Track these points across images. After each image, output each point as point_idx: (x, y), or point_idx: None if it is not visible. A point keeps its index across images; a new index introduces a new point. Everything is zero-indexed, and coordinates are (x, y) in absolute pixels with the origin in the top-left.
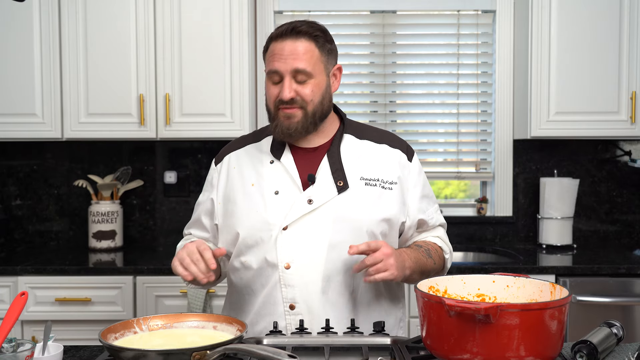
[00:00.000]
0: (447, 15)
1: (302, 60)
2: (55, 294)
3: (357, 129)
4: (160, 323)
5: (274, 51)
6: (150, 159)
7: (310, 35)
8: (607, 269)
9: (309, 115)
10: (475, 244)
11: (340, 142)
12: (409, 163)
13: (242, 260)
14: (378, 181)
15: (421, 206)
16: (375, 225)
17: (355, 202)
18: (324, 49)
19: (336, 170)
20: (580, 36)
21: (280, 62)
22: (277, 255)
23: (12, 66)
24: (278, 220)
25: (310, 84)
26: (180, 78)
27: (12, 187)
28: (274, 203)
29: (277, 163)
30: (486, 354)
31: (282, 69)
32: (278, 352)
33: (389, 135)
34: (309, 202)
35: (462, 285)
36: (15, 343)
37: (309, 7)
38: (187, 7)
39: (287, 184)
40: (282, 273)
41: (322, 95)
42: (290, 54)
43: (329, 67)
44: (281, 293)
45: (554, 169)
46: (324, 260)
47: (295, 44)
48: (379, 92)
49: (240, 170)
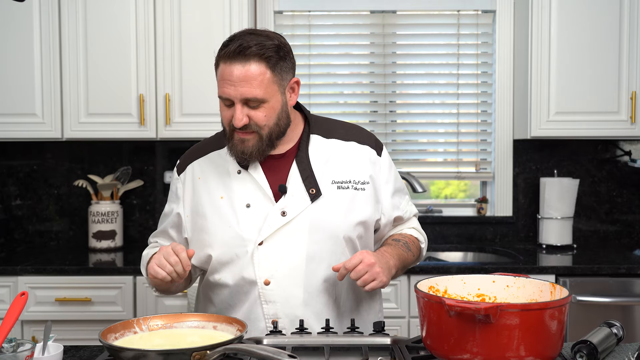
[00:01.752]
0: (447, 15)
1: (252, 86)
2: (55, 294)
3: (322, 127)
4: (160, 323)
5: (223, 75)
6: (150, 159)
7: (260, 57)
8: (607, 269)
9: (264, 138)
10: (475, 244)
11: (307, 145)
12: (379, 158)
13: (217, 278)
14: (350, 183)
15: (394, 202)
16: (351, 230)
17: (329, 208)
18: (277, 68)
19: (307, 177)
20: (580, 36)
21: (230, 88)
22: (255, 271)
23: (12, 66)
24: (252, 235)
25: (263, 108)
26: (180, 78)
27: (12, 187)
28: (246, 217)
29: (245, 173)
30: (486, 354)
31: (232, 96)
32: (278, 352)
33: (356, 130)
34: (283, 215)
35: (462, 285)
36: (15, 343)
37: (309, 7)
38: (187, 7)
39: (257, 196)
40: (261, 290)
41: (278, 116)
42: (239, 80)
43: (284, 85)
44: (262, 310)
45: (554, 169)
46: (303, 272)
47: (244, 68)
48: (379, 92)
49: (205, 181)
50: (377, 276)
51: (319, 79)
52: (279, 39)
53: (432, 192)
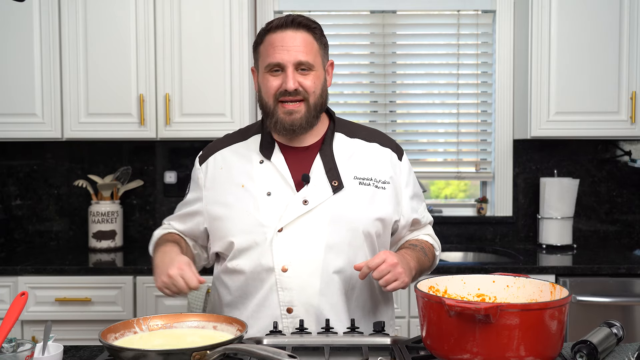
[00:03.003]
0: (447, 15)
1: (304, 52)
2: (55, 294)
3: (347, 128)
4: (160, 323)
5: (274, 42)
6: (150, 159)
7: (309, 28)
8: (607, 269)
9: (312, 108)
10: (475, 244)
11: (332, 140)
12: (400, 162)
13: (234, 264)
14: (371, 180)
15: (413, 205)
16: (371, 224)
17: (350, 202)
18: (321, 42)
19: (330, 169)
20: (580, 36)
21: (282, 53)
22: (274, 258)
23: (12, 66)
24: (272, 222)
25: (311, 75)
26: (180, 78)
27: (12, 187)
28: (267, 204)
29: (268, 163)
30: (486, 354)
31: (285, 60)
32: (278, 352)
33: (378, 133)
34: (304, 203)
35: (462, 285)
36: (15, 343)
37: (309, 7)
38: (187, 7)
39: (279, 185)
40: (278, 276)
41: (322, 87)
42: (292, 45)
43: (324, 61)
44: (278, 297)
45: (554, 169)
46: (321, 261)
47: (295, 34)
48: (379, 92)
49: (228, 171)
50: (400, 276)
51: None
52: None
53: (432, 192)
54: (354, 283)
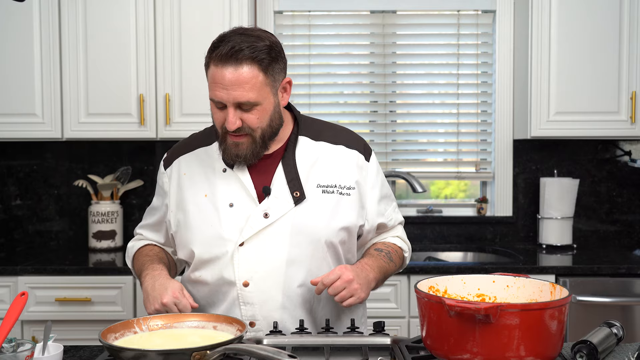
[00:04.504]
0: (447, 15)
1: (244, 90)
2: (55, 294)
3: (311, 129)
4: (160, 323)
5: (215, 78)
6: (150, 159)
7: (253, 60)
8: (607, 269)
9: (257, 140)
10: (475, 244)
11: (295, 146)
12: (367, 163)
13: (197, 275)
14: (335, 187)
15: (380, 209)
16: (334, 235)
17: (312, 212)
18: (269, 70)
19: (292, 179)
20: (580, 36)
21: (222, 92)
22: (235, 272)
23: (12, 66)
24: (233, 236)
25: (256, 110)
26: (180, 78)
27: (12, 187)
28: (229, 217)
29: (230, 172)
30: (486, 354)
31: (225, 100)
32: (278, 352)
33: (345, 134)
34: (265, 216)
35: (462, 285)
36: (15, 343)
37: (309, 7)
38: (187, 7)
39: (241, 196)
40: (240, 291)
41: (270, 117)
42: (231, 84)
43: (276, 86)
44: (240, 311)
45: (554, 169)
46: (282, 276)
47: (236, 71)
48: (379, 92)
49: (190, 178)
50: (355, 292)
51: (319, 79)
52: (270, 38)
53: (432, 192)
54: (317, 297)
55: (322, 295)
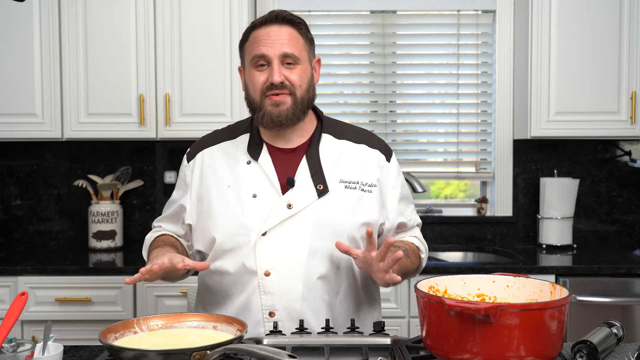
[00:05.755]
0: (447, 15)
1: (289, 45)
2: (55, 294)
3: (335, 128)
4: (160, 323)
5: (259, 37)
6: (150, 159)
7: (293, 23)
8: (607, 269)
9: (298, 101)
10: (475, 244)
11: (318, 142)
12: (388, 164)
13: (217, 265)
14: (357, 184)
15: (400, 208)
16: (355, 229)
17: (335, 206)
18: (306, 37)
19: (315, 173)
20: (580, 36)
21: (268, 47)
22: (257, 261)
23: (12, 66)
24: (256, 226)
25: (297, 69)
26: (180, 78)
27: (12, 187)
28: (252, 207)
29: (255, 164)
30: (486, 354)
31: (270, 53)
32: (278, 352)
33: (367, 134)
34: (289, 207)
35: (462, 285)
36: (15, 343)
37: (309, 7)
38: (187, 7)
39: (265, 187)
40: (261, 280)
41: (308, 82)
42: (277, 39)
43: (311, 57)
44: (260, 300)
45: (554, 169)
46: (304, 266)
47: (280, 29)
48: (379, 92)
49: (214, 170)
50: None
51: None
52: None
53: (432, 192)
54: (338, 288)
55: (341, 289)
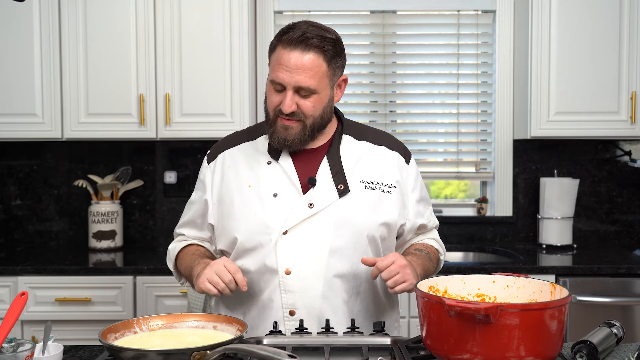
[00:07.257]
0: (447, 15)
1: (307, 76)
2: (55, 294)
3: (355, 130)
4: (160, 323)
5: (280, 60)
6: (150, 159)
7: (320, 49)
8: (607, 269)
9: (307, 128)
10: (475, 244)
11: (339, 143)
12: (407, 166)
13: (239, 264)
14: (378, 184)
15: (419, 210)
16: (375, 229)
17: (355, 206)
18: (332, 63)
19: (336, 173)
20: (580, 36)
21: (285, 74)
22: (277, 260)
23: (12, 66)
24: (278, 224)
25: (312, 98)
26: (180, 78)
27: (12, 187)
28: (273, 206)
29: (275, 164)
30: (486, 354)
31: (286, 82)
32: (278, 352)
33: (386, 136)
34: (310, 206)
35: (462, 285)
36: (15, 343)
37: (309, 7)
38: (187, 7)
39: (286, 187)
40: (282, 279)
41: (324, 109)
42: (296, 67)
43: (334, 80)
44: (281, 299)
45: (554, 169)
46: (324, 265)
47: (302, 56)
48: (379, 92)
49: (235, 170)
50: (408, 278)
51: None
52: (336, 34)
53: (432, 192)
54: (358, 287)
55: (361, 288)
